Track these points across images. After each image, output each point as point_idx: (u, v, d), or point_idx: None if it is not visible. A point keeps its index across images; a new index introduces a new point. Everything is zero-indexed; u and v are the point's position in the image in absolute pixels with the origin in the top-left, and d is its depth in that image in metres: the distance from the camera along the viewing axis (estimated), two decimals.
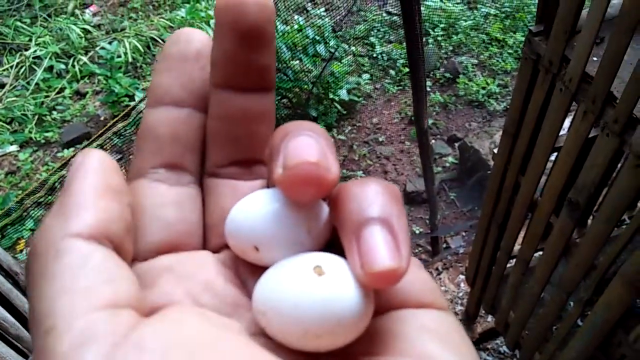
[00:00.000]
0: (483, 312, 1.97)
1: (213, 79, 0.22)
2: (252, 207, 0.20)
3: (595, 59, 0.97)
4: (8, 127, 3.30)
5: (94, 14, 3.96)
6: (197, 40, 0.22)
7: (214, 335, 0.16)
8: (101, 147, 2.64)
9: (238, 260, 0.22)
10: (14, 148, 3.21)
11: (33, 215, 2.56)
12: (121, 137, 2.70)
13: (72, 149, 3.16)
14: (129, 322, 0.16)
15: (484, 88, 3.34)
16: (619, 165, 1.17)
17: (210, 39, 0.22)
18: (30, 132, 3.25)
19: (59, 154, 3.16)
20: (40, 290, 0.16)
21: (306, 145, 0.18)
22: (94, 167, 0.19)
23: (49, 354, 0.15)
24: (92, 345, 0.15)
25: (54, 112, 3.37)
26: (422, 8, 3.83)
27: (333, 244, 0.21)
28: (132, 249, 0.19)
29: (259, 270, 0.20)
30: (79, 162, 0.19)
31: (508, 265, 1.60)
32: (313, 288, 0.17)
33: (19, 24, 3.77)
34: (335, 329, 0.17)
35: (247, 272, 0.21)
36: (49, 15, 3.88)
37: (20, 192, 2.96)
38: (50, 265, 0.16)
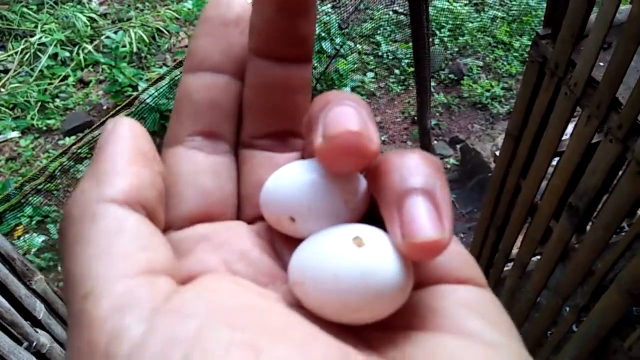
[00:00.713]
0: None
1: (251, 45, 0.21)
2: (288, 178, 0.20)
3: (601, 64, 0.96)
4: (10, 113, 3.30)
5: (101, 3, 3.96)
6: (238, 4, 0.22)
7: (253, 301, 0.16)
8: (92, 129, 2.64)
9: (273, 231, 0.21)
10: (15, 134, 3.21)
11: (32, 201, 2.56)
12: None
13: (73, 137, 3.16)
14: (167, 288, 0.16)
15: (488, 90, 3.33)
16: (620, 172, 1.17)
17: (249, 4, 0.22)
18: (32, 119, 3.25)
19: (60, 142, 3.16)
20: (76, 254, 0.16)
21: (347, 115, 0.17)
22: (125, 134, 0.18)
23: (87, 317, 0.15)
24: (133, 309, 0.14)
25: (57, 100, 3.36)
26: (429, 8, 3.81)
27: (370, 217, 0.20)
28: (163, 218, 0.19)
29: (294, 242, 0.20)
30: (110, 129, 0.19)
31: (505, 268, 1.60)
32: (352, 259, 0.17)
33: (25, 10, 3.76)
34: (374, 302, 0.17)
35: (282, 243, 0.21)
36: (56, 3, 3.87)
37: (20, 178, 2.96)
38: (86, 229, 0.16)
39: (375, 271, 0.17)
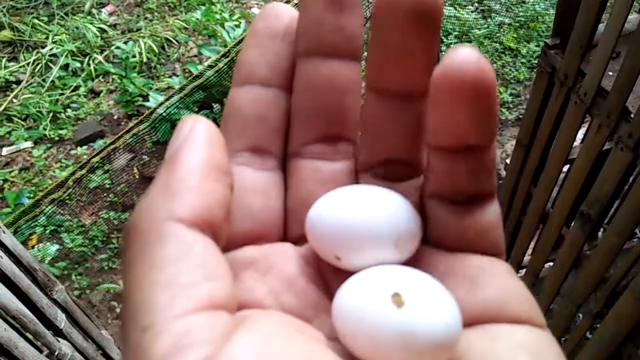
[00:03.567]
0: None
1: (299, 49, 0.21)
2: (334, 212, 0.19)
3: (610, 73, 0.97)
4: (23, 123, 3.34)
5: (110, 14, 4.01)
6: (286, 15, 0.21)
7: (300, 350, 0.16)
8: (113, 144, 2.66)
9: (320, 257, 0.21)
10: (28, 144, 3.25)
11: (46, 211, 2.59)
12: (134, 136, 2.73)
13: (85, 147, 3.20)
14: (224, 327, 0.16)
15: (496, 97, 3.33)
16: (631, 179, 1.18)
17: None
18: (44, 129, 3.29)
19: (72, 152, 3.20)
20: (140, 277, 0.16)
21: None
22: (201, 140, 0.18)
23: (144, 353, 0.15)
24: (189, 353, 0.14)
25: (69, 110, 3.40)
26: None
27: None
28: (226, 235, 0.18)
29: (342, 271, 0.20)
30: (186, 132, 0.18)
31: (518, 275, 1.60)
32: (391, 321, 0.16)
33: (36, 21, 3.81)
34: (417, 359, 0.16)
35: (329, 270, 0.20)
36: (66, 14, 3.92)
37: (33, 188, 2.99)
38: (151, 249, 0.16)
39: (415, 333, 0.16)
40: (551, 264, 1.37)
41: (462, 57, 0.17)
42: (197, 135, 0.18)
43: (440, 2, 0.18)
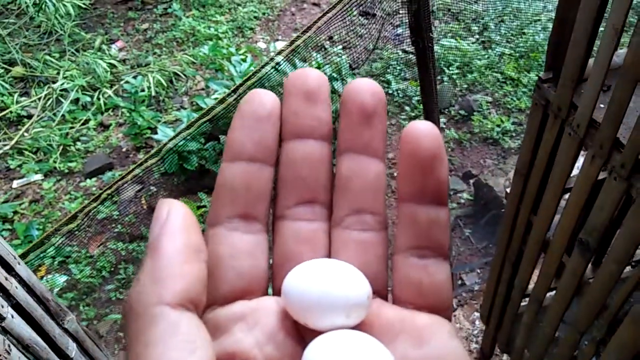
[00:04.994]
0: (498, 350, 1.97)
1: (283, 133, 0.26)
2: (300, 287, 0.25)
3: (602, 105, 1.01)
4: (34, 156, 3.41)
5: (120, 49, 4.11)
6: (269, 101, 0.26)
7: None
8: (122, 177, 2.70)
9: None
10: (38, 177, 3.30)
11: (54, 242, 2.62)
12: (142, 168, 2.77)
13: (94, 179, 3.25)
14: None
15: (498, 126, 3.38)
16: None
17: (278, 100, 0.26)
18: (54, 162, 3.35)
19: (82, 184, 3.25)
20: (138, 353, 0.20)
21: None
22: (177, 225, 0.22)
23: None
24: None
25: (78, 143, 3.47)
26: (437, 47, 3.90)
27: None
28: (205, 301, 0.23)
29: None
30: (164, 219, 0.22)
31: (522, 303, 1.61)
32: None
33: (48, 57, 3.92)
34: None
35: (301, 325, 0.25)
36: (77, 50, 4.03)
37: (43, 220, 3.03)
38: (146, 329, 0.20)
39: None
40: (555, 292, 1.38)
41: (419, 131, 0.24)
42: (173, 222, 0.22)
43: (381, 103, 0.26)
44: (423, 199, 0.25)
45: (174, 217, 0.22)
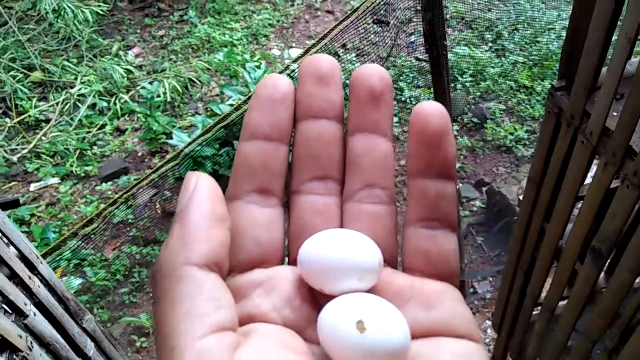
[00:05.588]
0: (510, 359, 1.96)
1: (297, 113, 0.28)
2: (316, 254, 0.26)
3: (615, 113, 1.02)
4: (51, 160, 3.46)
5: (137, 56, 4.17)
6: (283, 85, 0.28)
7: None
8: (139, 182, 2.74)
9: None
10: (55, 180, 3.36)
11: (71, 245, 2.66)
12: (157, 172, 2.81)
13: (109, 183, 3.29)
14: (231, 343, 0.22)
15: (511, 134, 3.37)
16: None
17: (292, 84, 0.28)
18: (71, 166, 3.40)
19: (97, 188, 3.29)
20: (165, 310, 0.22)
21: None
22: (204, 195, 0.24)
23: None
24: None
25: (95, 147, 3.52)
26: (450, 55, 3.90)
27: None
28: (228, 265, 0.25)
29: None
30: (191, 189, 0.24)
31: (534, 312, 1.60)
32: (356, 343, 0.23)
33: (66, 63, 3.98)
34: None
35: (317, 291, 0.27)
36: (95, 56, 4.10)
37: (59, 223, 3.08)
38: (173, 288, 0.22)
39: (374, 353, 0.23)
40: (567, 300, 1.38)
41: (427, 111, 0.26)
42: (200, 192, 0.24)
43: (387, 87, 0.28)
44: (431, 174, 0.27)
45: (201, 187, 0.24)
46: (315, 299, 0.27)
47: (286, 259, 0.29)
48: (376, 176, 0.28)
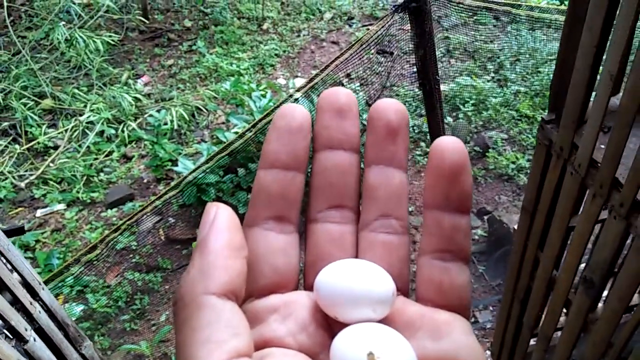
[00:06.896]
0: None
1: (315, 144, 0.30)
2: (331, 283, 0.27)
3: (602, 146, 1.04)
4: (58, 186, 3.51)
5: (145, 84, 4.26)
6: (299, 115, 0.29)
7: None
8: (143, 209, 2.77)
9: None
10: (61, 207, 3.39)
11: (74, 272, 2.68)
12: (161, 199, 2.84)
13: (115, 209, 3.33)
14: None
15: (513, 162, 3.39)
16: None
17: (309, 114, 0.29)
18: (77, 192, 3.44)
19: (103, 214, 3.33)
20: (186, 337, 0.23)
21: None
22: (223, 225, 0.25)
23: None
24: None
25: (101, 174, 3.57)
26: (453, 85, 3.94)
27: None
28: (244, 293, 0.26)
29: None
30: (211, 219, 0.25)
31: (532, 341, 1.60)
32: None
33: (76, 91, 4.06)
34: None
35: (331, 318, 0.28)
36: (104, 84, 4.18)
37: (63, 249, 3.11)
38: (193, 316, 0.23)
39: None
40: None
41: (445, 146, 0.27)
42: (219, 222, 0.25)
43: (404, 121, 0.29)
44: (447, 207, 0.28)
45: (220, 218, 0.25)
46: (329, 325, 0.28)
47: (301, 282, 0.30)
48: (391, 207, 0.29)
